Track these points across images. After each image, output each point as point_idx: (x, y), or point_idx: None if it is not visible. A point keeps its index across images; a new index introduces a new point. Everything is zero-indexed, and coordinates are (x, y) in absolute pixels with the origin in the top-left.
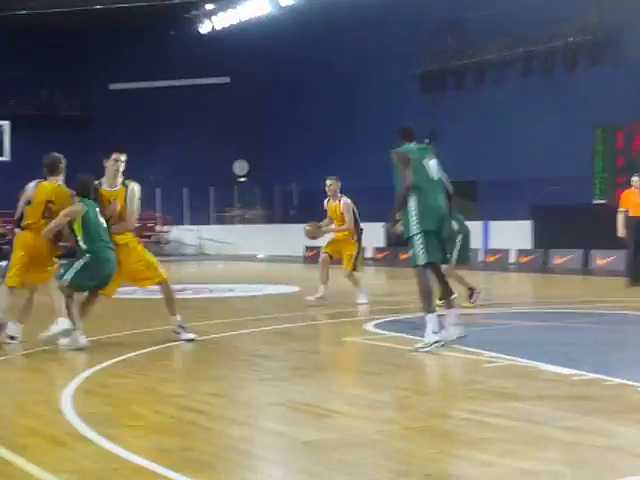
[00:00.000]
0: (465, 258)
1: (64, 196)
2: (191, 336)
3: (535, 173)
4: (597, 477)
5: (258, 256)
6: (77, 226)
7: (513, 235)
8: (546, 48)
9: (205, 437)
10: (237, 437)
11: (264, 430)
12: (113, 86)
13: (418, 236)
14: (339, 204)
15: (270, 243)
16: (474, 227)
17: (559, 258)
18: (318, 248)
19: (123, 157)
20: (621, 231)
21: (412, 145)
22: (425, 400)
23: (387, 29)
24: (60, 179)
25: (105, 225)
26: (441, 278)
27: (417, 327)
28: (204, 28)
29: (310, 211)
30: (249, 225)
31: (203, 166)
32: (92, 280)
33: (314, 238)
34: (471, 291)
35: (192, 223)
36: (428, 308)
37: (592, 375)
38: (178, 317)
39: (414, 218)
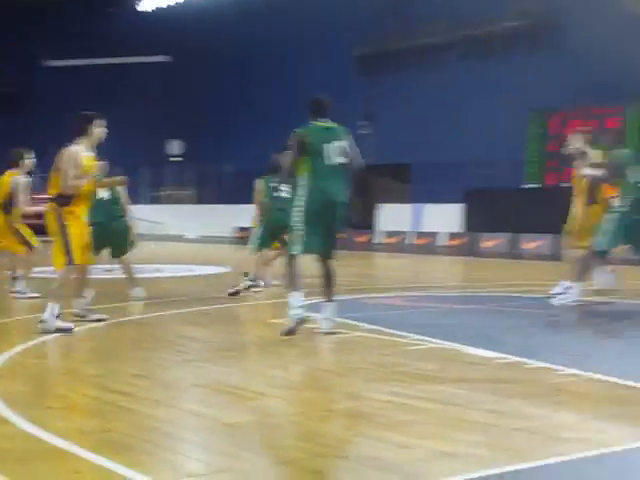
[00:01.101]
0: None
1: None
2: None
3: (469, 156)
4: (516, 459)
5: (186, 236)
6: None
7: (444, 218)
8: (485, 32)
9: (127, 419)
10: (159, 419)
11: (187, 412)
12: (50, 63)
13: (299, 227)
14: None
15: (201, 223)
16: (406, 210)
17: (488, 241)
18: (249, 229)
19: None
20: None
21: (318, 124)
22: (348, 382)
23: (328, 10)
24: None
25: None
26: (324, 270)
27: (343, 309)
28: (143, 6)
29: (244, 192)
30: (180, 205)
31: (137, 145)
32: None
33: None
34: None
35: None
36: (293, 288)
37: (514, 358)
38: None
39: (299, 207)
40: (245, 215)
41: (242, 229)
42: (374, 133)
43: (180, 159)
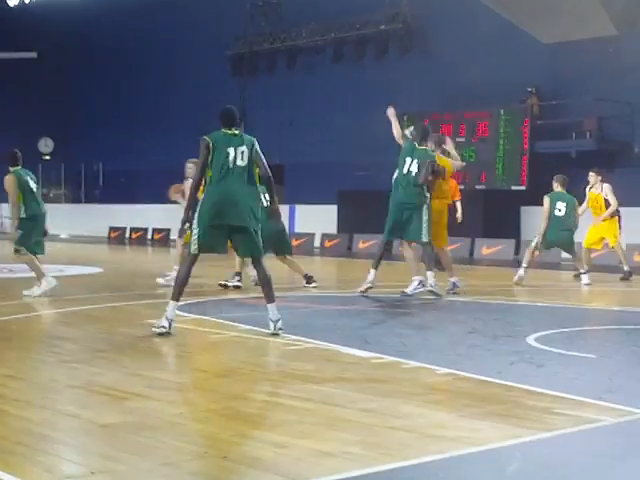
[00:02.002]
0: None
1: None
2: None
3: (342, 158)
4: (392, 458)
5: (61, 236)
6: None
7: (319, 219)
8: (357, 35)
9: (0, 420)
10: (34, 420)
11: (62, 413)
12: None
13: (195, 227)
14: None
15: (74, 223)
16: (281, 211)
17: (363, 243)
18: (122, 229)
19: None
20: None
21: (222, 131)
22: (226, 382)
23: (200, 8)
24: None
25: None
26: (258, 272)
27: (220, 309)
28: (12, 1)
29: (116, 191)
30: (53, 204)
31: (6, 143)
32: None
33: None
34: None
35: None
36: (176, 295)
37: (391, 358)
38: None
39: (200, 208)
40: (118, 215)
41: (114, 229)
42: (248, 134)
43: (48, 158)
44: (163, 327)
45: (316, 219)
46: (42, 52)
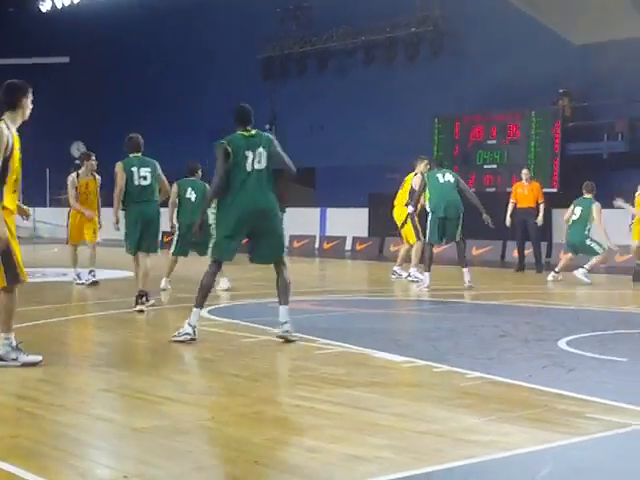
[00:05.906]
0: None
1: None
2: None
3: (374, 161)
4: (422, 462)
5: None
6: None
7: (350, 222)
8: (388, 38)
9: (34, 424)
10: (67, 424)
11: (94, 417)
12: None
13: (216, 234)
14: None
15: (108, 227)
16: (312, 214)
17: (394, 246)
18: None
19: None
20: (508, 220)
21: (239, 133)
22: (257, 387)
23: (231, 12)
24: None
25: None
26: (277, 275)
27: (252, 314)
28: (45, 6)
29: None
30: None
31: (39, 147)
32: None
33: None
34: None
35: (26, 205)
36: (199, 302)
37: (422, 362)
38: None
39: (217, 215)
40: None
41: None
42: (278, 138)
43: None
44: (187, 334)
45: (347, 222)
46: (74, 57)
